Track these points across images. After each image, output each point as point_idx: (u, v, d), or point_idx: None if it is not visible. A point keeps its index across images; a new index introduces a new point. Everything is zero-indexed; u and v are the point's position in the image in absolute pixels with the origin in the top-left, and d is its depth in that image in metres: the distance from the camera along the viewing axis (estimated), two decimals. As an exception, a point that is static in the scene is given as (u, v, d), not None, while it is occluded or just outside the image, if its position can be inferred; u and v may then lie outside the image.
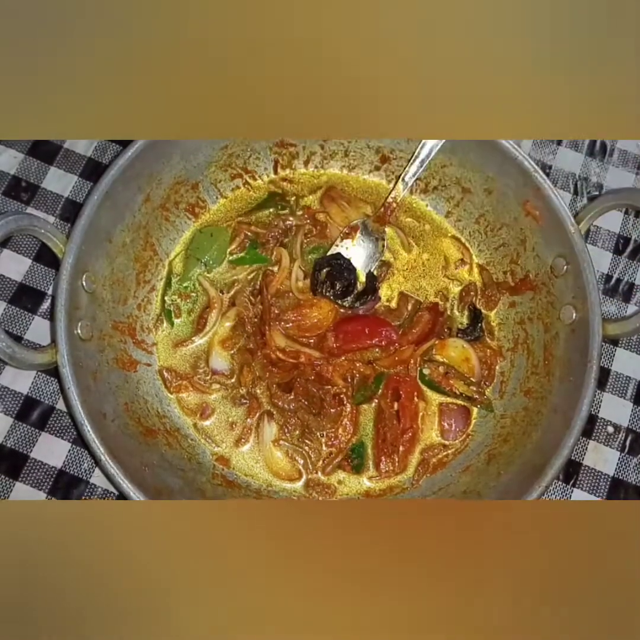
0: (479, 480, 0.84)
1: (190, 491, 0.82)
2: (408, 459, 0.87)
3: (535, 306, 0.89)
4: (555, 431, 0.79)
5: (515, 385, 0.89)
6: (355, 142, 0.95)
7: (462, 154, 0.91)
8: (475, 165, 0.91)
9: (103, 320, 0.84)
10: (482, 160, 0.89)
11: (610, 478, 0.90)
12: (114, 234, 0.85)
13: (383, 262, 0.95)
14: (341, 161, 0.98)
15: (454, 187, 0.94)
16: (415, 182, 0.94)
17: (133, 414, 0.84)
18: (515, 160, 0.86)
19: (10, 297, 0.92)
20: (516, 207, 0.89)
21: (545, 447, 0.79)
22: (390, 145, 0.95)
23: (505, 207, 0.90)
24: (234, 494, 0.84)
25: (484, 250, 0.95)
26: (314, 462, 0.87)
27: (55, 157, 0.98)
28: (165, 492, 0.79)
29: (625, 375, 0.93)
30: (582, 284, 0.82)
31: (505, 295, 0.93)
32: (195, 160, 0.91)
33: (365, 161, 0.97)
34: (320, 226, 0.95)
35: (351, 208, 0.96)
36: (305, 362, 0.89)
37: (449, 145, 0.91)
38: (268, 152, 0.95)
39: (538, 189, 0.85)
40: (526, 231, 0.89)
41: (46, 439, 0.87)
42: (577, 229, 0.83)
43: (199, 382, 0.89)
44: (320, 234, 0.95)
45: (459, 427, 0.89)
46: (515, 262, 0.92)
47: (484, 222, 0.94)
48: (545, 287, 0.88)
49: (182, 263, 0.93)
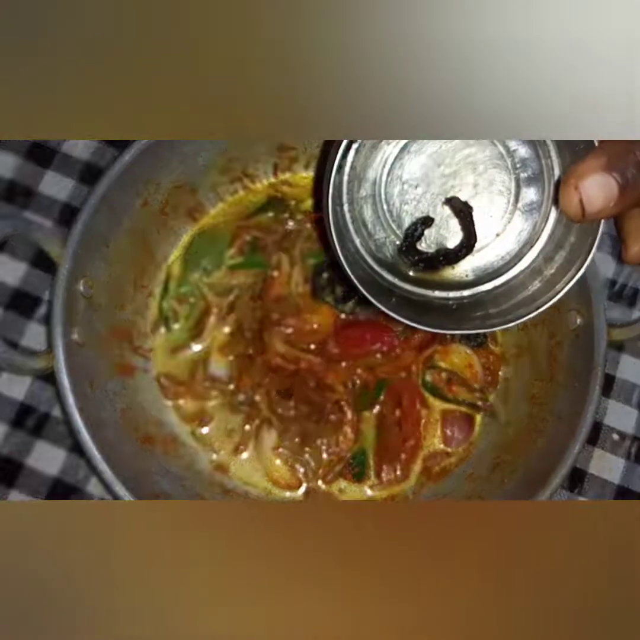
0: (483, 488, 0.84)
1: (188, 498, 0.81)
2: (410, 467, 0.87)
3: (539, 312, 0.88)
4: (560, 438, 0.78)
5: (519, 392, 0.88)
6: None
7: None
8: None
9: (100, 326, 0.83)
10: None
11: (616, 486, 0.89)
12: (111, 239, 0.84)
13: None
14: (342, 165, 0.97)
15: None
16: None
17: (130, 421, 0.83)
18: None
19: (6, 302, 0.91)
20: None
21: (550, 454, 0.78)
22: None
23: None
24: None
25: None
26: (314, 470, 0.86)
27: (52, 161, 0.97)
28: (162, 499, 0.78)
29: (631, 381, 0.93)
30: (587, 289, 0.81)
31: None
32: (194, 164, 0.90)
33: (366, 165, 0.97)
34: (320, 230, 0.95)
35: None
36: (306, 368, 0.88)
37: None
38: (268, 156, 0.94)
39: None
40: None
41: (42, 447, 0.87)
42: (581, 234, 0.82)
43: (197, 388, 0.88)
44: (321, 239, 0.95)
45: (462, 434, 0.88)
46: (518, 267, 0.91)
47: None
48: (549, 292, 0.87)
49: (180, 268, 0.92)
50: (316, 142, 0.94)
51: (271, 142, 0.93)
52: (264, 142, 0.93)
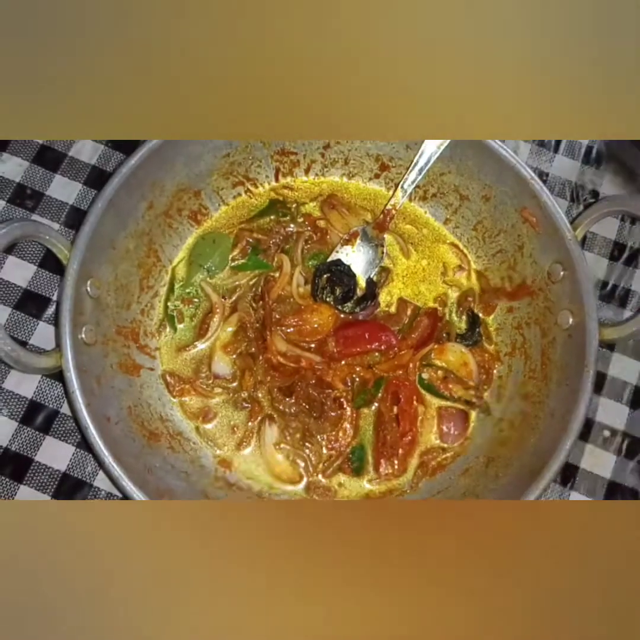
0: (478, 482, 0.85)
1: (192, 493, 0.83)
2: (407, 461, 0.88)
3: (533, 311, 0.90)
4: (553, 435, 0.80)
5: (513, 390, 0.90)
6: (355, 150, 0.97)
7: (460, 162, 0.92)
8: (473, 173, 0.92)
9: (107, 325, 0.85)
10: (479, 168, 0.91)
11: (607, 481, 0.91)
12: (117, 241, 0.86)
13: (382, 268, 0.96)
14: (341, 169, 0.99)
15: (452, 194, 0.96)
16: (414, 189, 0.96)
17: (136, 418, 0.85)
18: (512, 168, 0.87)
19: (15, 302, 0.93)
20: (513, 213, 0.90)
21: (543, 450, 0.80)
22: (389, 153, 0.96)
23: (503, 214, 0.92)
24: (235, 497, 0.85)
25: (482, 257, 0.97)
26: (314, 465, 0.88)
27: (60, 165, 0.99)
28: (167, 494, 0.79)
29: (621, 379, 0.95)
30: (579, 290, 0.83)
31: (503, 301, 0.94)
32: (198, 168, 0.92)
33: (365, 169, 0.99)
34: (320, 233, 0.97)
35: (351, 215, 0.98)
36: (306, 366, 0.90)
37: (447, 154, 0.92)
38: (269, 160, 0.97)
39: (535, 196, 0.86)
40: (523, 238, 0.90)
41: (50, 443, 0.88)
42: (574, 236, 0.84)
43: (201, 386, 0.90)
44: (321, 241, 0.97)
45: (458, 430, 0.90)
46: (513, 268, 0.93)
47: (481, 228, 0.95)
48: (543, 292, 0.89)
49: (184, 269, 0.95)
50: (317, 146, 0.97)
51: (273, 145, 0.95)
52: (266, 147, 0.95)
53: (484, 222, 0.95)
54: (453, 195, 0.96)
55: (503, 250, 0.94)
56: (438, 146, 0.91)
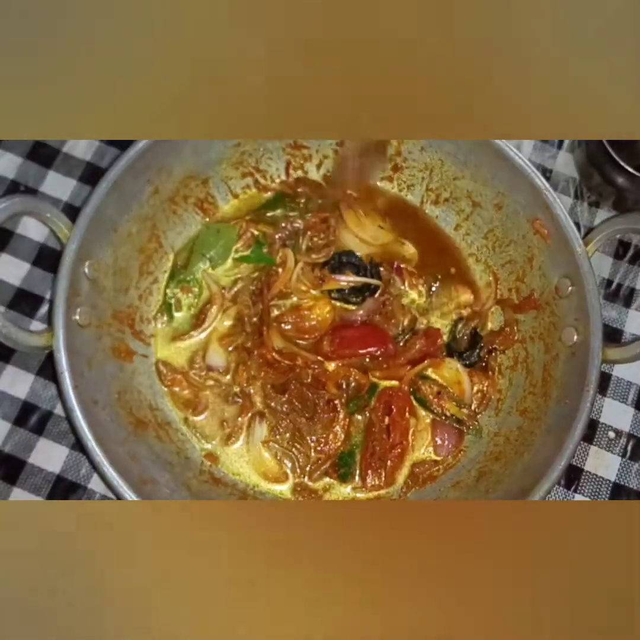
0: (467, 496, 0.84)
1: (175, 485, 0.81)
2: (395, 475, 0.86)
3: (538, 325, 0.88)
4: (547, 453, 0.78)
5: (512, 404, 0.88)
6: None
7: (475, 167, 0.90)
8: (487, 180, 0.90)
9: (103, 309, 0.84)
10: (494, 174, 0.89)
11: (612, 483, 0.89)
12: (119, 224, 0.85)
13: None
14: (354, 168, 0.97)
15: (464, 200, 0.94)
16: (427, 192, 0.94)
17: (125, 404, 0.83)
18: (527, 176, 0.85)
19: (8, 301, 0.92)
20: (525, 224, 0.88)
21: (536, 468, 0.78)
22: (403, 154, 0.94)
23: (514, 223, 0.89)
24: (219, 492, 0.84)
25: (491, 266, 0.94)
26: (302, 466, 0.86)
27: (54, 161, 0.97)
28: (150, 483, 0.78)
29: (626, 380, 0.93)
30: (586, 307, 0.81)
31: (508, 313, 0.92)
32: (207, 155, 0.91)
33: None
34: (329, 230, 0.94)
35: (368, 218, 0.96)
36: (302, 364, 0.88)
37: (462, 159, 0.90)
38: (281, 153, 0.95)
39: (548, 207, 0.84)
40: (534, 249, 0.88)
41: (44, 444, 0.87)
42: (584, 251, 0.82)
43: (193, 377, 0.88)
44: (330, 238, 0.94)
45: (452, 442, 0.88)
46: (521, 279, 0.91)
47: (492, 237, 0.93)
48: (549, 307, 0.86)
49: (186, 257, 0.93)
50: (330, 142, 0.95)
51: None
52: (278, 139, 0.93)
53: (495, 230, 0.93)
54: (465, 201, 0.94)
55: (512, 260, 0.92)
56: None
